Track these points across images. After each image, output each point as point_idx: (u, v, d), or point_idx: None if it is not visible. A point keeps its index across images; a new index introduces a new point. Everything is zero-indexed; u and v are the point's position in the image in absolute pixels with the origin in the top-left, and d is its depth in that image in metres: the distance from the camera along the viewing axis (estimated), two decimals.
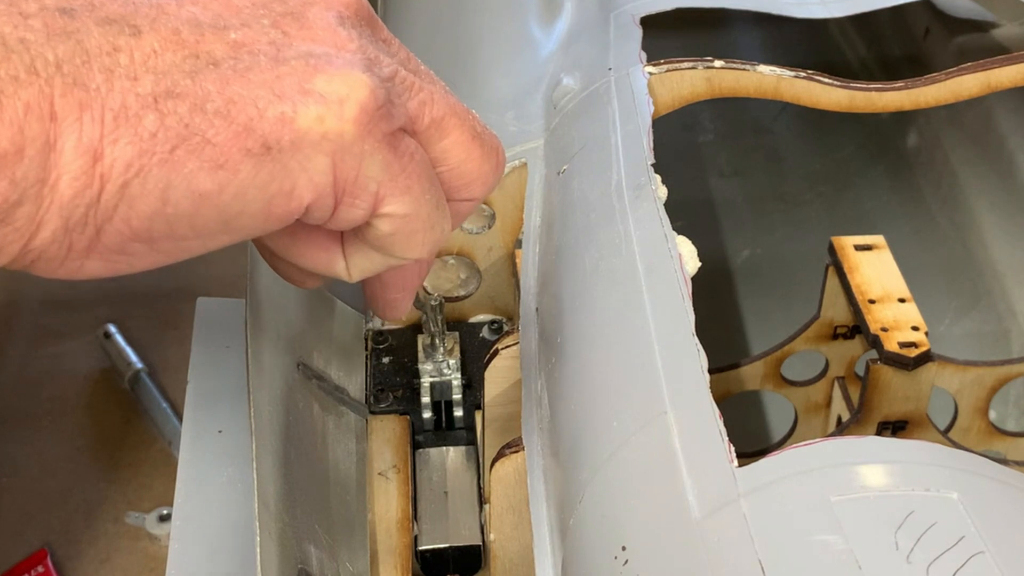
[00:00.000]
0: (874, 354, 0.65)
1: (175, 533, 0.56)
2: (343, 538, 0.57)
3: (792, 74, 0.64)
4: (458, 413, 0.65)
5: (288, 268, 0.46)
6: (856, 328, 0.73)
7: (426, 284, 0.69)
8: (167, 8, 0.36)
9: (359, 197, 0.38)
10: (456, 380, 0.65)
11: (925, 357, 0.64)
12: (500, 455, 0.52)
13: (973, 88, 0.64)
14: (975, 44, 0.94)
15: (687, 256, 0.50)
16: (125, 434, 0.96)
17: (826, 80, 0.64)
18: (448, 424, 0.66)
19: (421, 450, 0.64)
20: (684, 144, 1.13)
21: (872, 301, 0.67)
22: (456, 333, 0.67)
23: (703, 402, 0.42)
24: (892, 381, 0.64)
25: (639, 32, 0.66)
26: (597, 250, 0.53)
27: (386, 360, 0.68)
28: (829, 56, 1.15)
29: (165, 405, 0.98)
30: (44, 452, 0.95)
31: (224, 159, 0.35)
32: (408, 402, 0.65)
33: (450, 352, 0.65)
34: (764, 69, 0.64)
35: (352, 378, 0.66)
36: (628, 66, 0.64)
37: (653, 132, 0.58)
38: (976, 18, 0.96)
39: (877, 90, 0.64)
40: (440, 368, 0.65)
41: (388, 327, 0.70)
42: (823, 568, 0.34)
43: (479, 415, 0.62)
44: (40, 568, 0.86)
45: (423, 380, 0.65)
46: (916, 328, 0.65)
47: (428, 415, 0.65)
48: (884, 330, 0.65)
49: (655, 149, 0.57)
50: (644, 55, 0.64)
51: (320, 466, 0.59)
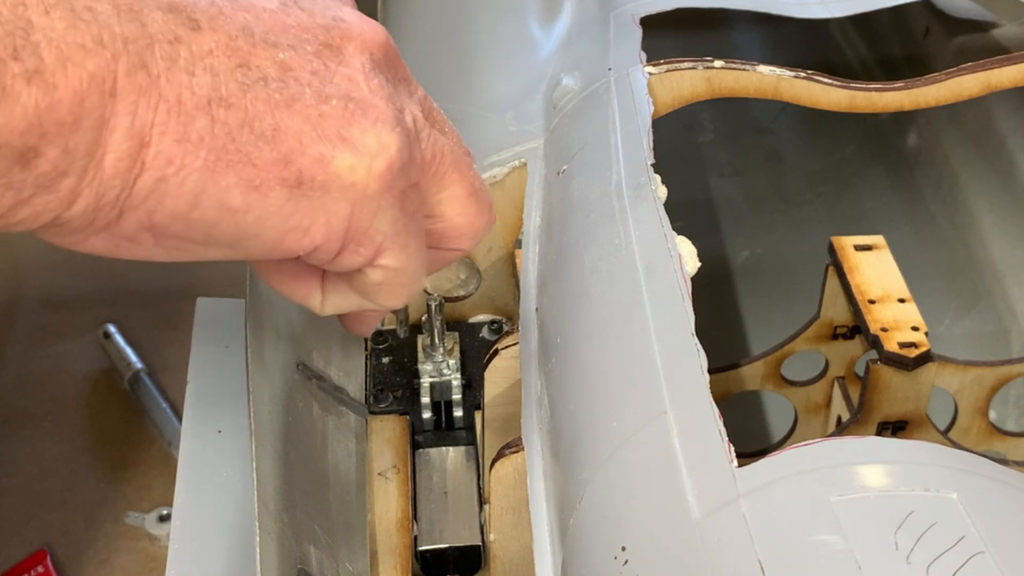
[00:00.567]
0: (874, 354, 0.65)
1: (175, 533, 0.56)
2: (343, 538, 0.57)
3: (792, 74, 0.64)
4: (458, 413, 0.65)
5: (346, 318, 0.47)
6: (856, 328, 0.73)
7: (426, 284, 0.69)
8: (224, 9, 0.36)
9: (364, 246, 0.40)
10: (456, 380, 0.65)
11: (925, 357, 0.64)
12: (500, 455, 0.52)
13: (973, 88, 0.64)
14: (975, 44, 0.94)
15: (687, 256, 0.50)
16: (125, 434, 0.96)
17: (826, 80, 0.64)
18: (448, 424, 0.66)
19: (421, 450, 0.64)
20: (684, 144, 1.13)
21: (872, 301, 0.67)
22: (456, 333, 0.67)
23: (703, 402, 0.42)
24: (892, 381, 0.64)
25: (639, 32, 0.66)
26: (597, 250, 0.53)
27: (386, 360, 0.68)
28: (829, 56, 1.15)
29: (165, 405, 0.98)
30: (44, 452, 0.95)
31: (260, 182, 0.36)
32: (408, 402, 0.65)
33: (450, 352, 0.65)
34: (764, 69, 0.64)
35: (352, 378, 0.66)
36: (628, 66, 0.64)
37: (653, 132, 0.58)
38: (976, 18, 0.96)
39: (877, 90, 0.64)
40: (440, 368, 0.65)
41: (388, 327, 0.70)
42: (823, 568, 0.34)
43: (479, 415, 0.62)
44: (40, 568, 0.86)
45: (423, 380, 0.65)
46: (916, 328, 0.65)
47: (428, 415, 0.65)
48: (884, 330, 0.65)
49: (655, 149, 0.57)
50: (644, 55, 0.64)
51: (320, 466, 0.59)
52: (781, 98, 0.64)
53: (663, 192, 0.54)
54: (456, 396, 0.65)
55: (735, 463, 0.39)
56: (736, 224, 1.06)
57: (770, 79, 0.64)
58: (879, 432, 0.67)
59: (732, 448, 0.39)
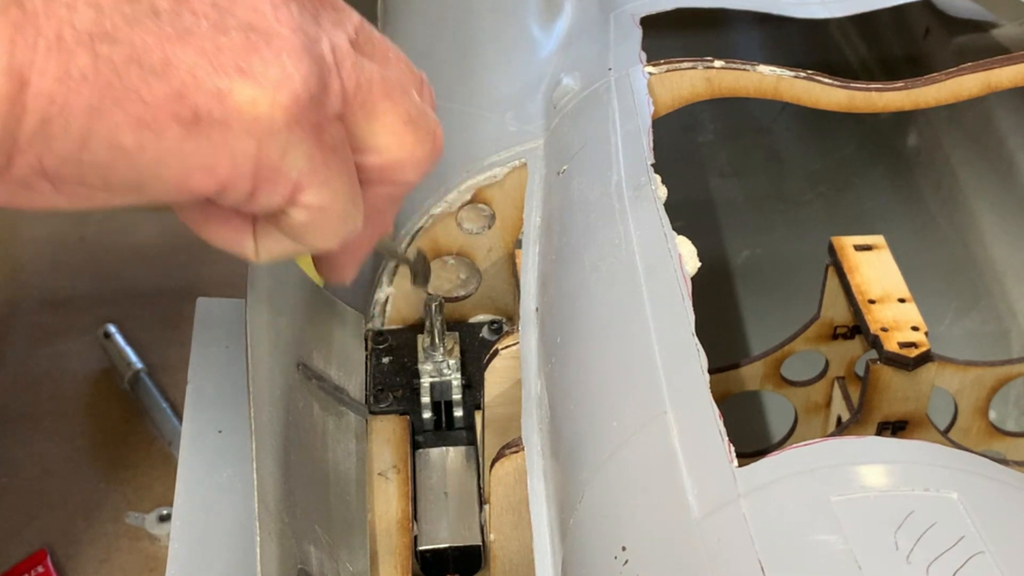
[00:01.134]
0: (874, 354, 0.65)
1: (175, 533, 0.56)
2: (343, 538, 0.57)
3: (792, 74, 0.64)
4: (458, 413, 0.65)
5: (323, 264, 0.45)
6: (856, 328, 0.73)
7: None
8: None
9: (278, 184, 0.38)
10: (456, 380, 0.65)
11: (925, 357, 0.64)
12: (500, 455, 0.52)
13: (973, 88, 0.64)
14: (975, 44, 0.94)
15: (687, 256, 0.50)
16: (125, 434, 0.96)
17: (826, 80, 0.64)
18: (448, 424, 0.66)
19: (421, 450, 0.64)
20: (684, 144, 1.13)
21: (872, 301, 0.67)
22: (456, 333, 0.67)
23: (703, 402, 0.42)
24: (892, 381, 0.64)
25: (639, 32, 0.66)
26: (597, 250, 0.53)
27: (386, 360, 0.68)
28: (829, 56, 1.15)
29: (165, 405, 0.98)
30: (44, 452, 0.95)
31: (152, 119, 0.34)
32: (408, 402, 0.65)
33: (450, 352, 0.65)
34: (764, 69, 0.64)
35: (352, 378, 0.66)
36: (628, 66, 0.64)
37: (653, 132, 0.58)
38: (976, 18, 0.96)
39: (877, 90, 0.64)
40: (440, 368, 0.65)
41: (388, 327, 0.71)
42: (823, 568, 0.34)
43: (479, 415, 0.62)
44: (40, 568, 0.86)
45: (423, 380, 0.65)
46: (916, 328, 0.65)
47: (428, 415, 0.65)
48: (884, 330, 0.65)
49: (655, 149, 0.57)
50: (644, 55, 0.64)
51: (320, 466, 0.59)
52: (781, 98, 0.64)
53: (663, 192, 0.54)
54: (456, 396, 0.65)
55: (735, 463, 0.39)
56: (736, 224, 1.06)
57: (770, 79, 0.64)
58: (879, 432, 0.67)
59: (732, 448, 0.39)
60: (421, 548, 0.58)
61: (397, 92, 0.41)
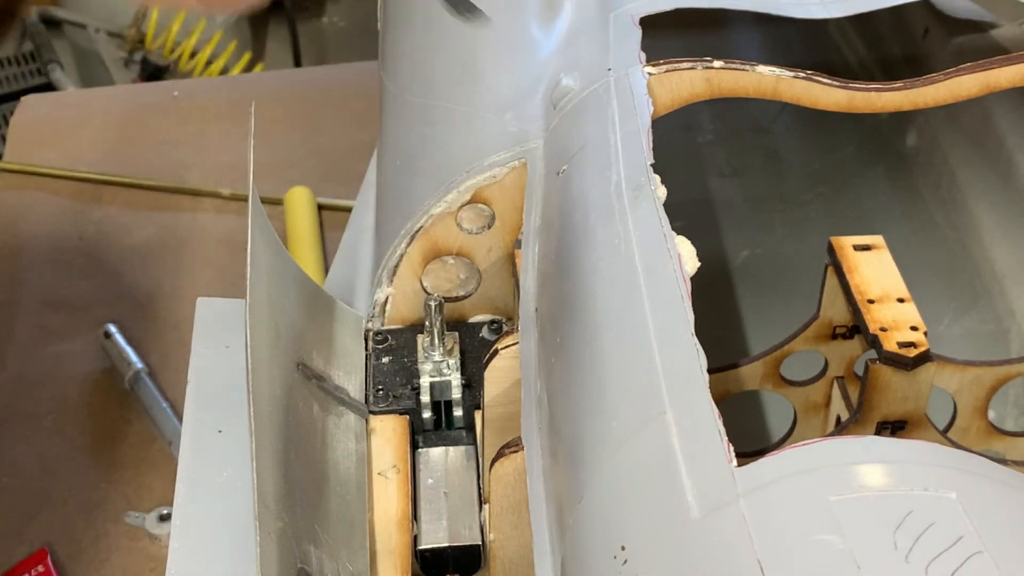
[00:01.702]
0: (873, 354, 0.65)
1: (175, 533, 0.56)
2: (343, 538, 0.57)
3: (791, 74, 0.64)
4: (458, 413, 0.65)
5: None
6: (855, 328, 0.74)
7: (426, 284, 0.69)
8: None
9: None
10: (456, 380, 0.65)
11: (924, 357, 0.64)
12: (500, 455, 0.52)
13: (972, 88, 0.64)
14: (974, 44, 0.94)
15: (686, 256, 0.50)
16: (125, 434, 0.96)
17: (825, 80, 0.64)
18: (448, 424, 0.66)
19: (421, 450, 0.64)
20: (684, 144, 1.13)
21: (871, 301, 0.67)
22: (456, 333, 0.67)
23: (702, 402, 0.42)
24: (891, 381, 0.64)
25: (638, 32, 0.67)
26: (597, 250, 0.53)
27: (386, 360, 0.68)
28: (828, 56, 1.15)
29: (165, 405, 0.98)
30: (44, 452, 0.95)
31: None
32: (408, 402, 0.65)
33: (450, 352, 0.65)
34: (763, 69, 0.64)
35: (352, 378, 0.66)
36: (627, 66, 0.64)
37: (652, 132, 0.58)
38: (975, 18, 0.96)
39: (876, 90, 0.64)
40: (440, 368, 0.65)
41: (388, 327, 0.71)
42: (822, 568, 0.34)
43: (479, 415, 0.62)
44: (40, 568, 0.86)
45: (423, 380, 0.65)
46: (915, 328, 0.65)
47: (428, 415, 0.65)
48: (883, 330, 0.65)
49: (654, 149, 0.57)
50: (643, 55, 0.64)
51: (320, 466, 0.59)
52: (780, 98, 0.64)
53: (662, 192, 0.54)
54: (456, 396, 0.65)
55: (734, 463, 0.39)
56: (735, 224, 1.06)
57: (769, 79, 0.64)
58: (878, 432, 0.67)
59: (731, 448, 0.39)
60: (421, 548, 0.59)
61: None
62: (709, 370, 0.43)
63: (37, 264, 1.14)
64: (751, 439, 0.84)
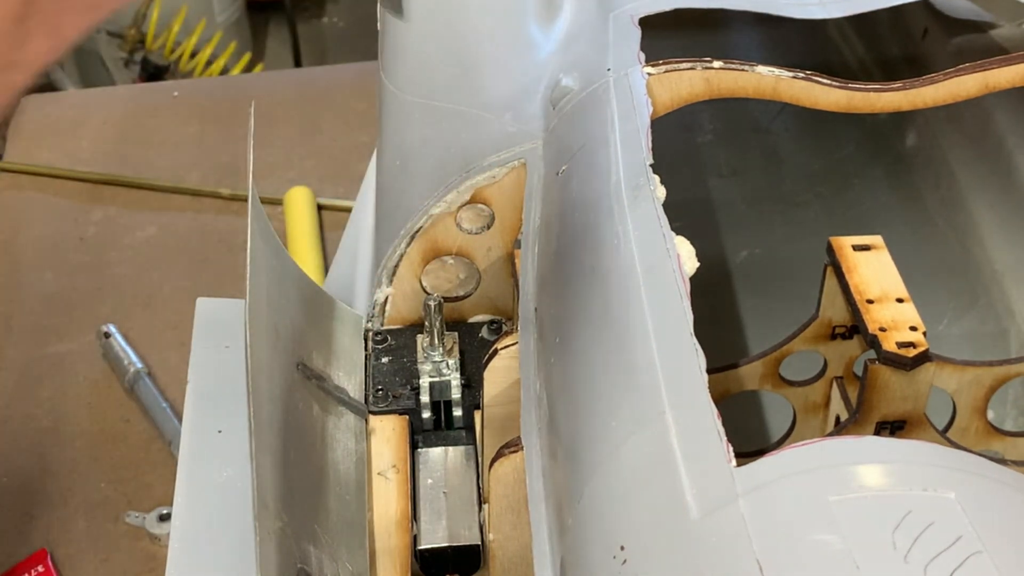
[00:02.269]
0: (872, 354, 0.65)
1: (175, 533, 0.56)
2: (343, 538, 0.57)
3: (791, 75, 0.64)
4: (457, 413, 0.65)
5: None
6: (854, 328, 0.74)
7: (425, 284, 0.69)
8: None
9: None
10: (455, 380, 0.65)
11: (923, 357, 0.64)
12: (499, 455, 0.52)
13: (971, 88, 0.64)
14: (973, 45, 0.94)
15: (685, 256, 0.50)
16: (125, 434, 0.96)
17: (825, 81, 0.64)
18: (447, 424, 0.66)
19: (420, 450, 0.64)
20: (683, 144, 1.13)
21: (870, 301, 0.67)
22: (455, 333, 0.67)
23: (702, 402, 0.42)
24: (890, 381, 0.64)
25: (638, 33, 0.67)
26: (596, 250, 0.53)
27: (386, 360, 0.68)
28: (828, 57, 1.15)
29: (165, 405, 0.98)
30: (44, 452, 0.95)
31: None
32: (407, 402, 0.65)
33: (449, 352, 0.65)
34: (763, 70, 0.64)
35: (352, 378, 0.66)
36: (627, 67, 0.64)
37: (652, 132, 0.58)
38: (975, 19, 0.96)
39: (876, 91, 0.64)
40: (439, 368, 0.65)
41: (388, 327, 0.71)
42: (821, 567, 0.34)
43: (478, 415, 0.62)
44: (40, 568, 0.86)
45: (422, 380, 0.65)
46: (914, 328, 0.65)
47: (427, 415, 0.65)
48: (882, 330, 0.65)
49: (654, 149, 0.57)
50: (643, 56, 0.64)
51: (319, 466, 0.59)
52: (780, 98, 0.65)
53: (662, 192, 0.54)
54: (455, 396, 0.65)
55: (734, 463, 0.39)
56: (735, 224, 1.06)
57: (769, 79, 0.64)
58: (877, 432, 0.67)
59: (731, 448, 0.39)
60: (420, 547, 0.59)
61: None
62: (708, 370, 0.43)
63: (37, 264, 1.14)
64: (750, 439, 0.84)
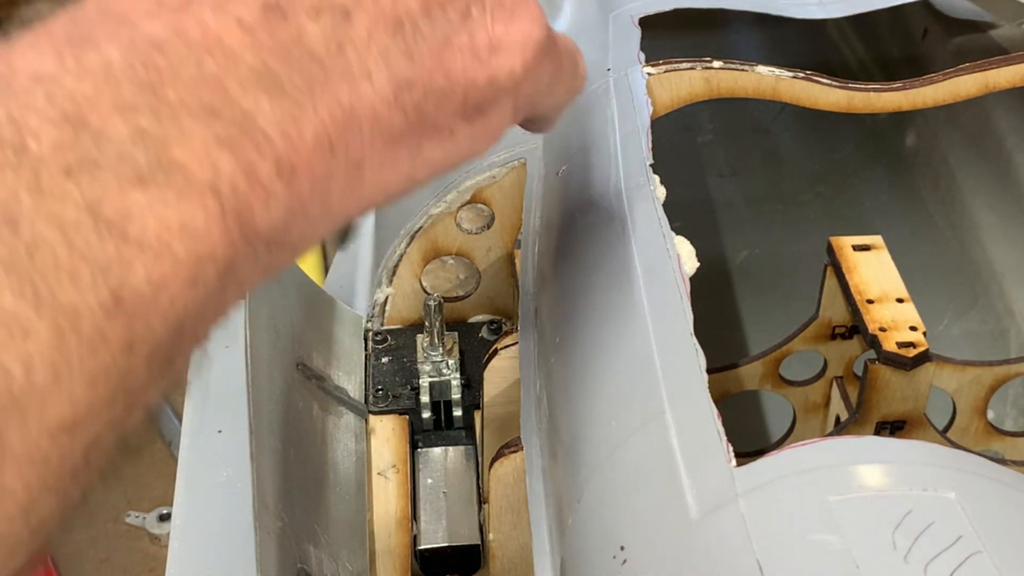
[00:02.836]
0: (872, 354, 0.65)
1: (175, 533, 0.56)
2: (343, 538, 0.57)
3: (791, 75, 0.64)
4: (457, 413, 0.65)
5: None
6: (854, 328, 0.74)
7: (425, 284, 0.69)
8: None
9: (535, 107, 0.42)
10: (455, 380, 0.65)
11: (923, 357, 0.64)
12: (499, 455, 0.52)
13: (971, 88, 0.64)
14: (973, 45, 0.94)
15: (685, 256, 0.50)
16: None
17: (824, 80, 0.64)
18: (447, 424, 0.66)
19: (420, 450, 0.64)
20: (683, 144, 1.13)
21: (870, 301, 0.67)
22: (455, 333, 0.67)
23: (702, 402, 0.42)
24: (890, 381, 0.64)
25: (638, 33, 0.67)
26: (596, 250, 0.53)
27: (386, 360, 0.68)
28: (827, 56, 1.15)
29: (165, 405, 0.98)
30: None
31: (451, 129, 0.36)
32: (407, 402, 0.65)
33: (449, 352, 0.65)
34: (763, 70, 0.64)
35: (352, 378, 0.66)
36: (627, 67, 0.64)
37: (652, 132, 0.58)
38: (974, 19, 0.96)
39: (875, 91, 0.64)
40: (439, 368, 0.65)
41: (388, 327, 0.71)
42: (821, 568, 0.34)
43: (478, 415, 0.62)
44: (40, 568, 0.86)
45: (422, 380, 0.65)
46: (914, 328, 0.65)
47: (427, 415, 0.65)
48: (882, 330, 0.65)
49: (654, 149, 0.57)
50: (643, 56, 0.64)
51: (319, 466, 0.59)
52: (780, 98, 0.65)
53: (662, 192, 0.54)
54: (455, 396, 0.65)
55: (733, 463, 0.39)
56: (735, 224, 1.06)
57: (769, 79, 0.64)
58: (877, 432, 0.67)
59: (731, 448, 0.39)
60: (420, 547, 0.59)
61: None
62: (708, 370, 0.43)
63: None
64: (750, 439, 0.84)
